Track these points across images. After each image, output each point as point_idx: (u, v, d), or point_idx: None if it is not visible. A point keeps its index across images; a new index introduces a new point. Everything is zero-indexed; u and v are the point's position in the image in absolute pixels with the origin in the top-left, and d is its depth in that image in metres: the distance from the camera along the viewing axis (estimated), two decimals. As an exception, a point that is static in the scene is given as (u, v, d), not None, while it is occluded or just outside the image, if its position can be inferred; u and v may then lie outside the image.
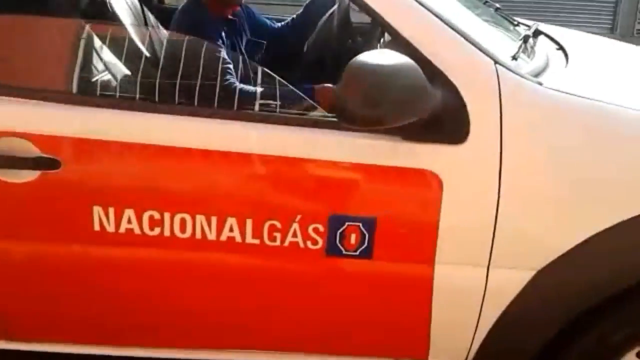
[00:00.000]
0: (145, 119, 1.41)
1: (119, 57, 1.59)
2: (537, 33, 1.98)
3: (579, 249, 1.40)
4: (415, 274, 1.46)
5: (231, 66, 1.79)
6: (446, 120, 1.37)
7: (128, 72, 1.56)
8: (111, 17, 2.26)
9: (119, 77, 1.56)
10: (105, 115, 1.41)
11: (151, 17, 2.63)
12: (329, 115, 1.42)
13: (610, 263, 1.42)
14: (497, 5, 2.26)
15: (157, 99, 1.48)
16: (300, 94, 1.52)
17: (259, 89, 1.67)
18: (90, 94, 1.52)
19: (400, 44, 1.36)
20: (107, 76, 1.58)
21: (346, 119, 1.27)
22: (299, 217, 1.41)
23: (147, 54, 1.56)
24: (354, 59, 1.25)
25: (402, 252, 1.44)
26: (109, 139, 1.40)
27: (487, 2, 2.30)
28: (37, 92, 1.41)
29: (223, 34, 2.27)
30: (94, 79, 1.56)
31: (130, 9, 2.48)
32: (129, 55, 1.57)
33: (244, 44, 2.46)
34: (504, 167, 1.38)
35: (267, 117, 1.43)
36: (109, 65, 1.56)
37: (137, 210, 1.41)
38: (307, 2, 2.56)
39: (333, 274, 1.47)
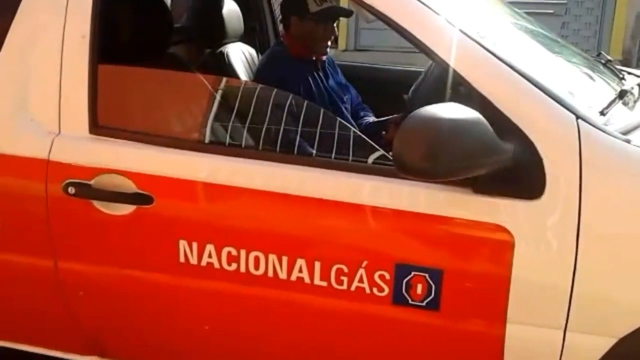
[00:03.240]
0: (224, 162, 1.52)
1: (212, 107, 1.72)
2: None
3: None
4: (485, 331, 1.41)
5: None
6: (521, 175, 1.34)
7: (214, 119, 1.69)
8: (229, 69, 2.47)
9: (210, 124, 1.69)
10: (192, 158, 1.54)
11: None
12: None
13: None
14: (609, 57, 2.17)
15: (243, 144, 1.59)
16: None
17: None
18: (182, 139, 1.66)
19: (474, 96, 1.37)
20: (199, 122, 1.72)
21: (402, 169, 1.28)
22: (365, 262, 1.43)
23: (234, 104, 1.68)
24: (417, 110, 1.27)
25: (470, 307, 1.41)
26: (196, 179, 1.52)
27: (600, 54, 2.22)
28: (140, 134, 1.58)
29: (304, 70, 2.33)
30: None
31: (246, 61, 2.68)
32: (219, 104, 1.70)
33: (331, 85, 2.48)
34: (582, 227, 1.32)
35: (337, 164, 1.48)
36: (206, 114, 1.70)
37: (217, 245, 1.51)
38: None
39: (400, 323, 1.46)
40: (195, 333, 1.61)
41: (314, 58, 2.44)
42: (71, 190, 1.56)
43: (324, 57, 2.48)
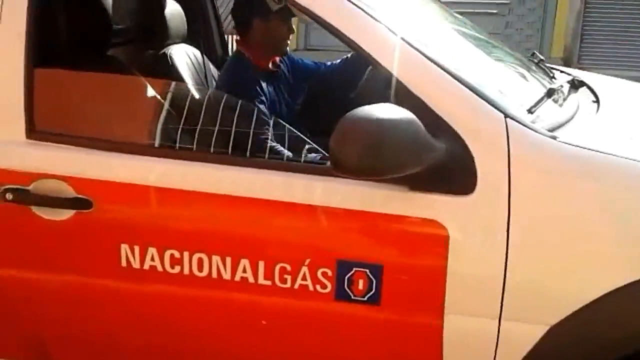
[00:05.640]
0: (163, 164, 1.52)
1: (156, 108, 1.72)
2: (575, 83, 1.97)
3: (594, 306, 1.36)
4: (424, 324, 1.46)
5: (269, 121, 1.89)
6: (454, 172, 1.39)
7: (153, 122, 1.69)
8: (173, 72, 2.45)
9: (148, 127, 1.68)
10: (132, 162, 1.53)
11: (212, 69, 2.81)
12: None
13: (625, 322, 1.37)
14: (541, 57, 2.26)
15: (180, 146, 1.59)
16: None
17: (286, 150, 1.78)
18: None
19: (408, 97, 1.41)
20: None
21: (338, 168, 1.31)
22: (308, 260, 1.46)
23: (175, 106, 1.69)
24: (352, 111, 1.30)
25: (409, 300, 1.45)
26: (136, 182, 1.51)
27: (534, 53, 2.30)
28: (79, 139, 1.56)
29: (265, 86, 2.35)
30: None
31: (192, 64, 2.66)
32: (158, 107, 1.70)
33: (287, 91, 2.54)
34: (512, 220, 1.38)
35: (279, 165, 1.50)
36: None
37: (159, 248, 1.51)
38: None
39: (343, 319, 1.50)
40: (139, 337, 1.61)
41: (273, 68, 2.47)
42: (9, 196, 1.53)
43: (279, 61, 2.52)
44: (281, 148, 1.82)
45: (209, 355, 1.61)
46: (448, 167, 1.38)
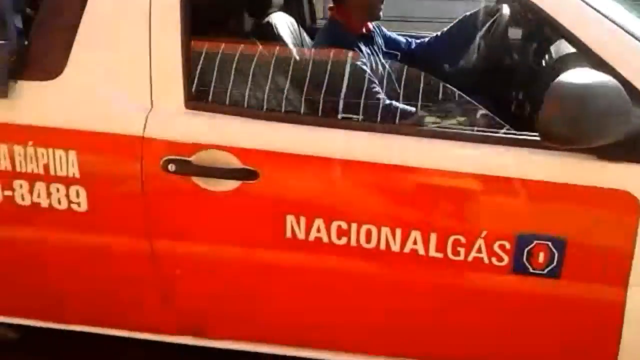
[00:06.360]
0: (334, 135, 1.48)
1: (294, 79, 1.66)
2: None
3: None
4: (606, 297, 1.42)
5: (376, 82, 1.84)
6: None
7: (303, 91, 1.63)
8: (278, 39, 2.41)
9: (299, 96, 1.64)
10: (298, 131, 1.50)
11: (307, 38, 2.76)
12: (527, 133, 1.42)
13: None
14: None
15: (349, 117, 1.55)
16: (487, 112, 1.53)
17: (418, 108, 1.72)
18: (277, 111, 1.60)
19: (598, 65, 1.35)
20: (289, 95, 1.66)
21: (549, 138, 1.27)
22: (484, 233, 1.42)
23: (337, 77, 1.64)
24: (558, 78, 1.25)
25: (592, 273, 1.41)
26: (303, 153, 1.48)
27: None
28: (240, 108, 1.53)
29: (362, 48, 2.32)
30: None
31: (291, 32, 2.62)
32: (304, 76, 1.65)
33: (380, 57, 2.50)
34: None
35: (458, 135, 1.45)
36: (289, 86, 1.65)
37: (326, 220, 1.48)
38: (452, 25, 2.57)
39: (518, 292, 1.46)
40: (302, 310, 1.59)
41: (367, 32, 2.42)
42: (171, 167, 1.50)
43: (371, 25, 2.46)
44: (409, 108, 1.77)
45: (375, 329, 1.59)
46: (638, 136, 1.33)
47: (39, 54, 1.57)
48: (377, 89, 1.78)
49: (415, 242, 1.46)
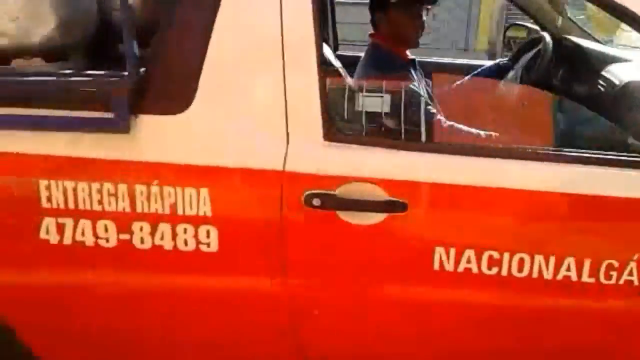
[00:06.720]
0: (471, 163, 1.47)
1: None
2: None
3: None
4: None
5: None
6: None
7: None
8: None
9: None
10: (444, 161, 1.47)
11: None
12: None
13: None
14: None
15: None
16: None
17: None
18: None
19: None
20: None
21: None
22: (637, 255, 1.44)
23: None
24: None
25: None
26: (450, 182, 1.45)
27: None
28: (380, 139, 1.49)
29: (413, 73, 2.29)
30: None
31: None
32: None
33: (424, 83, 2.48)
34: None
35: (611, 161, 1.47)
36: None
37: (477, 250, 1.45)
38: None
39: None
40: (452, 341, 1.55)
41: (411, 58, 2.40)
42: (316, 201, 1.44)
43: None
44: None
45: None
46: None
47: (160, 86, 1.48)
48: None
49: (568, 269, 1.46)
